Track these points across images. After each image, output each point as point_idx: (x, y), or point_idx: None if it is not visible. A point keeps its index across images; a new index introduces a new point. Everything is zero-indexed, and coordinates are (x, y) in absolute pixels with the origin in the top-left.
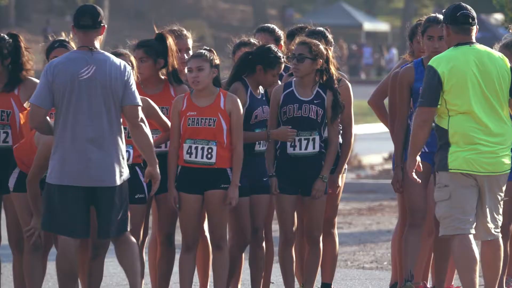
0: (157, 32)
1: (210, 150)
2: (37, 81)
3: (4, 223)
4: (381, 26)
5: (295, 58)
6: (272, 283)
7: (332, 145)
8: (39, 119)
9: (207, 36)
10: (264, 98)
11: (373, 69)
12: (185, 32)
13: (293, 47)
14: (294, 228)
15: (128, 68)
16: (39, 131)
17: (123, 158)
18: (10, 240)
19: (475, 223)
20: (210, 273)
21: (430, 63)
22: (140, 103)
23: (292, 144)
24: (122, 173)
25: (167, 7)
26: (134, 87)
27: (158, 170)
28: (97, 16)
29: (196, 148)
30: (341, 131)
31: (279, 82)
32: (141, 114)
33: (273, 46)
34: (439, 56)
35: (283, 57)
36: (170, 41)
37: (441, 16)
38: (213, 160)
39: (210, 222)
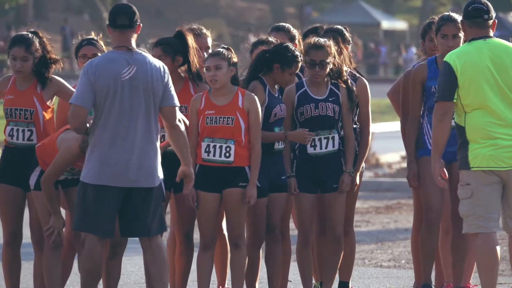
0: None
1: (228, 149)
2: (60, 79)
3: (25, 222)
4: (399, 24)
5: (316, 65)
6: (290, 281)
7: (349, 140)
8: (81, 119)
9: (225, 34)
10: (280, 97)
11: (390, 67)
12: (204, 30)
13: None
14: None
15: (167, 69)
16: (78, 131)
17: (159, 159)
18: (32, 238)
19: (499, 220)
20: (228, 271)
21: (445, 58)
22: (178, 104)
23: (312, 144)
24: (159, 174)
25: (186, 6)
26: (172, 88)
27: (192, 169)
28: (133, 15)
29: (214, 146)
30: (358, 130)
31: (297, 80)
32: (178, 115)
33: (290, 45)
34: (453, 52)
35: (300, 56)
36: (190, 38)
37: (455, 15)
38: (231, 158)
39: (228, 221)
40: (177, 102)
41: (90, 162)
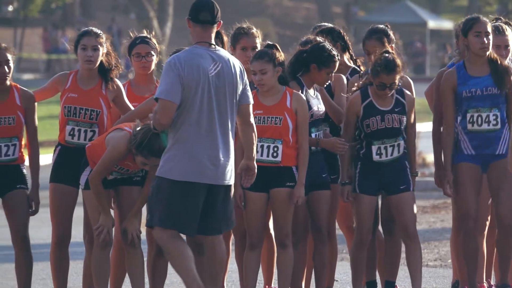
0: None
1: (276, 149)
2: (120, 84)
3: (75, 221)
4: (446, 24)
5: (386, 87)
6: (336, 280)
7: (411, 145)
8: (171, 115)
9: (272, 34)
10: (319, 97)
11: (436, 66)
12: (253, 30)
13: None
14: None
15: (243, 67)
16: (162, 127)
17: (233, 156)
18: (86, 236)
19: None
20: (274, 270)
21: None
22: (253, 101)
23: (378, 152)
24: (232, 172)
25: (232, 5)
26: (249, 86)
27: (255, 164)
28: (216, 11)
29: (262, 146)
30: None
31: (344, 79)
32: (251, 112)
33: (327, 44)
34: None
35: (337, 56)
36: (225, 39)
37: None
38: (278, 158)
39: (275, 220)
40: (252, 99)
41: (176, 158)
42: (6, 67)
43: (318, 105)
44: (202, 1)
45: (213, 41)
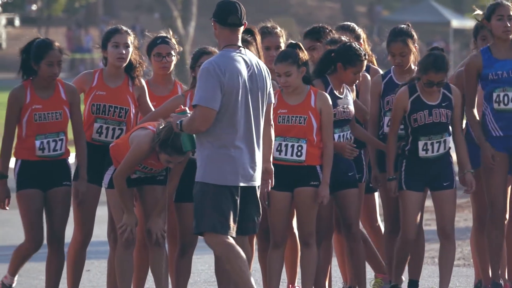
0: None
1: (300, 148)
2: (144, 82)
3: (99, 221)
4: (469, 23)
5: (434, 85)
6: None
7: (462, 142)
8: (211, 122)
9: (295, 33)
10: (348, 98)
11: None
12: (277, 30)
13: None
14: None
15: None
16: (199, 132)
17: None
18: (109, 235)
19: None
20: (298, 269)
21: None
22: (274, 101)
23: (424, 147)
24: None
25: (256, 4)
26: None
27: (272, 166)
28: (242, 13)
29: (286, 145)
30: None
31: (369, 78)
32: (272, 111)
33: (354, 44)
34: None
35: (365, 55)
36: (258, 39)
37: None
38: (303, 157)
39: (299, 219)
40: (273, 99)
41: (219, 163)
42: (57, 67)
43: (345, 106)
44: (229, 4)
45: (240, 43)
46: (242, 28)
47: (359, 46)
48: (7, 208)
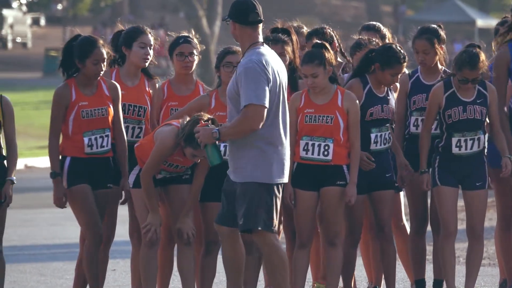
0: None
1: (326, 147)
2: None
3: (123, 220)
4: (494, 22)
5: (468, 82)
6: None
7: (499, 133)
8: (264, 119)
9: None
10: (388, 97)
11: None
12: (303, 29)
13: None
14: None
15: None
16: (252, 131)
17: None
18: (132, 234)
19: None
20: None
21: None
22: None
23: (458, 144)
24: None
25: (280, 3)
26: None
27: None
28: (260, 9)
29: (313, 145)
30: None
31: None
32: None
33: (395, 46)
34: None
35: (404, 58)
36: (294, 38)
37: None
38: (329, 157)
39: (325, 219)
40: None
41: (266, 161)
42: (102, 65)
43: (384, 105)
44: (247, 2)
45: (262, 39)
46: (261, 24)
47: (399, 48)
48: (66, 206)
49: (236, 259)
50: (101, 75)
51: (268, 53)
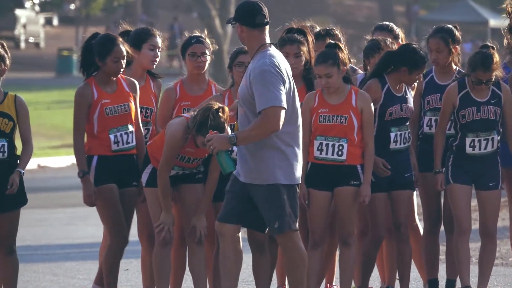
0: (296, 27)
1: (341, 147)
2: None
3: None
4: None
5: (482, 83)
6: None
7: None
8: (283, 120)
9: None
10: (407, 96)
11: None
12: (316, 29)
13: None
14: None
15: None
16: (272, 133)
17: None
18: (141, 234)
19: None
20: (336, 269)
21: None
22: None
23: (472, 144)
24: None
25: (293, 4)
26: None
27: None
28: (266, 11)
29: (327, 145)
30: None
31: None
32: None
33: (417, 47)
34: None
35: (426, 55)
36: (309, 39)
37: None
38: (343, 157)
39: (338, 219)
40: None
41: (288, 162)
42: (123, 62)
43: (403, 105)
44: (253, 4)
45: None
46: (268, 26)
47: (420, 48)
48: (95, 204)
49: (236, 259)
50: (121, 72)
51: (278, 55)
